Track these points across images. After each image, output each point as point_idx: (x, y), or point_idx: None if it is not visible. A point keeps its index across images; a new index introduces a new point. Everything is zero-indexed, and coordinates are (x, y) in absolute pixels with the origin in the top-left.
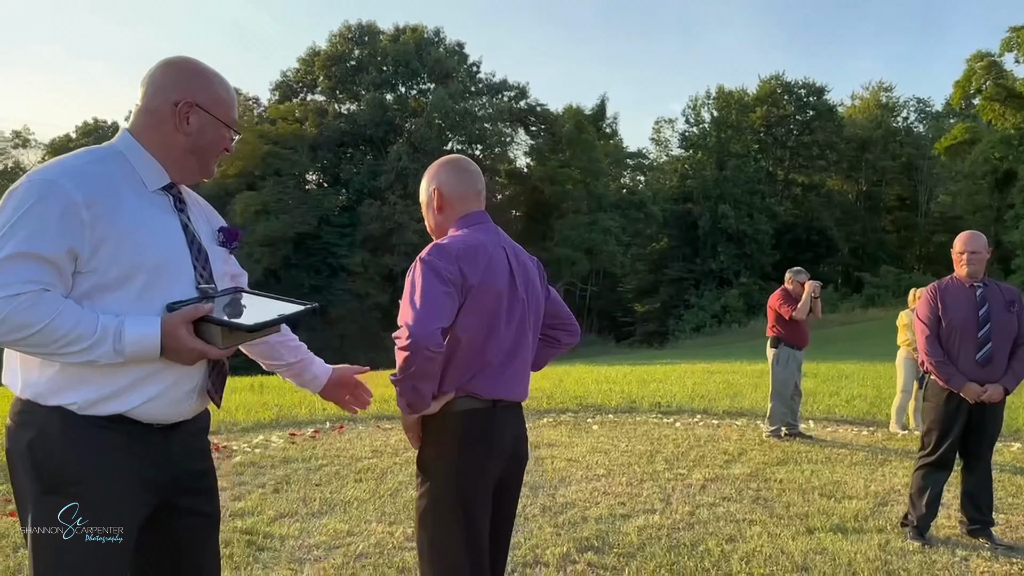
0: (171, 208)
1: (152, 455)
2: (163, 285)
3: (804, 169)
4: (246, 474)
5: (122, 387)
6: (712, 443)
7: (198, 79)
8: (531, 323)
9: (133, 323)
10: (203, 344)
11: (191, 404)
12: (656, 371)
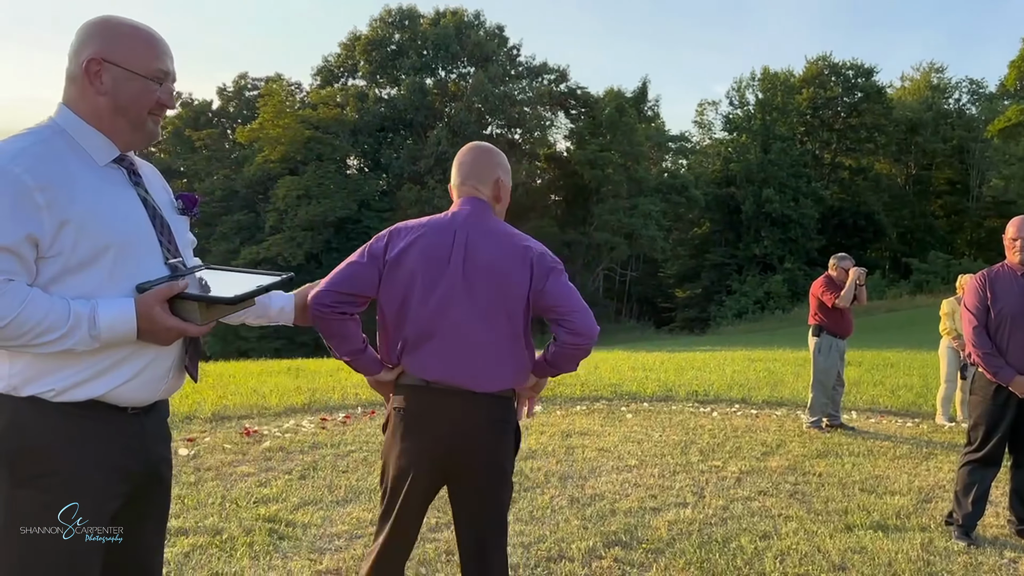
0: (127, 182)
1: (127, 442)
2: (132, 263)
3: (851, 152)
4: (274, 459)
5: (100, 370)
6: (749, 434)
7: (106, 34)
8: (473, 307)
9: (107, 307)
10: (180, 322)
11: (168, 382)
12: (694, 358)
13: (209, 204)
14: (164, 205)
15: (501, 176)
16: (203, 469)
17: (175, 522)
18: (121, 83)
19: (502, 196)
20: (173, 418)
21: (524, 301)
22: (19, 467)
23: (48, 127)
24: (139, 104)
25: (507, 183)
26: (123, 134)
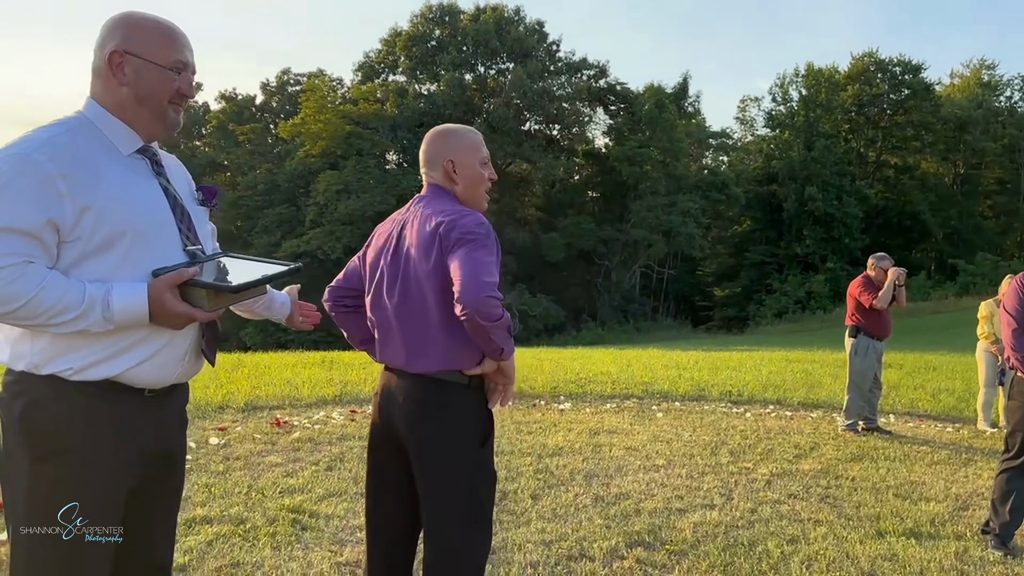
0: (150, 172)
1: (143, 423)
2: (149, 249)
3: (897, 150)
4: (302, 450)
5: (116, 351)
6: (783, 436)
7: (127, 27)
8: (403, 292)
9: (120, 290)
10: (189, 308)
11: (185, 365)
12: (730, 358)
13: (251, 197)
14: (185, 195)
15: (451, 157)
16: (232, 458)
17: (200, 510)
18: (142, 74)
19: (457, 178)
20: (206, 407)
21: (442, 280)
22: (38, 444)
23: (75, 118)
24: (159, 93)
25: (465, 162)
26: (146, 124)
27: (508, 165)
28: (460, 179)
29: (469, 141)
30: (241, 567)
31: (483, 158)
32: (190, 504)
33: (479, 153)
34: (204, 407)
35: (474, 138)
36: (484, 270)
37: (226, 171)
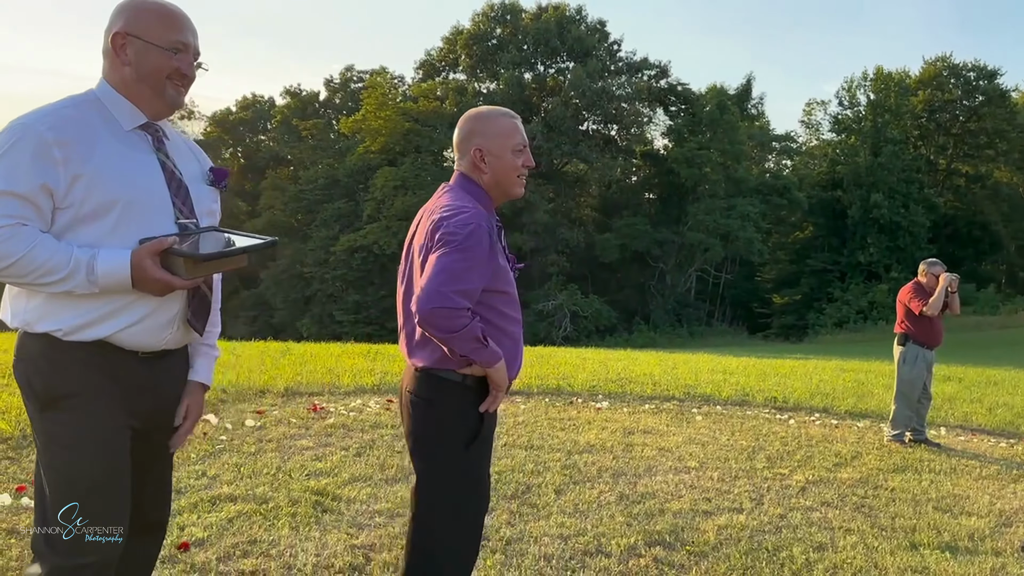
0: (149, 147)
1: (137, 382)
2: (139, 219)
3: (969, 159)
4: (334, 436)
5: (103, 314)
6: (825, 444)
7: (131, 11)
8: (409, 286)
9: (105, 255)
10: (167, 275)
11: (171, 332)
12: (781, 365)
13: (312, 192)
14: (192, 173)
15: (480, 144)
16: (265, 440)
17: (226, 488)
18: (143, 54)
19: (485, 167)
20: (248, 391)
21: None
22: (44, 394)
23: (84, 95)
24: (159, 73)
25: (494, 149)
26: (148, 101)
27: (564, 165)
28: (489, 167)
29: (500, 126)
30: (257, 544)
31: (516, 144)
32: (218, 482)
33: (511, 139)
34: (245, 390)
35: (506, 123)
36: (446, 278)
37: (289, 165)
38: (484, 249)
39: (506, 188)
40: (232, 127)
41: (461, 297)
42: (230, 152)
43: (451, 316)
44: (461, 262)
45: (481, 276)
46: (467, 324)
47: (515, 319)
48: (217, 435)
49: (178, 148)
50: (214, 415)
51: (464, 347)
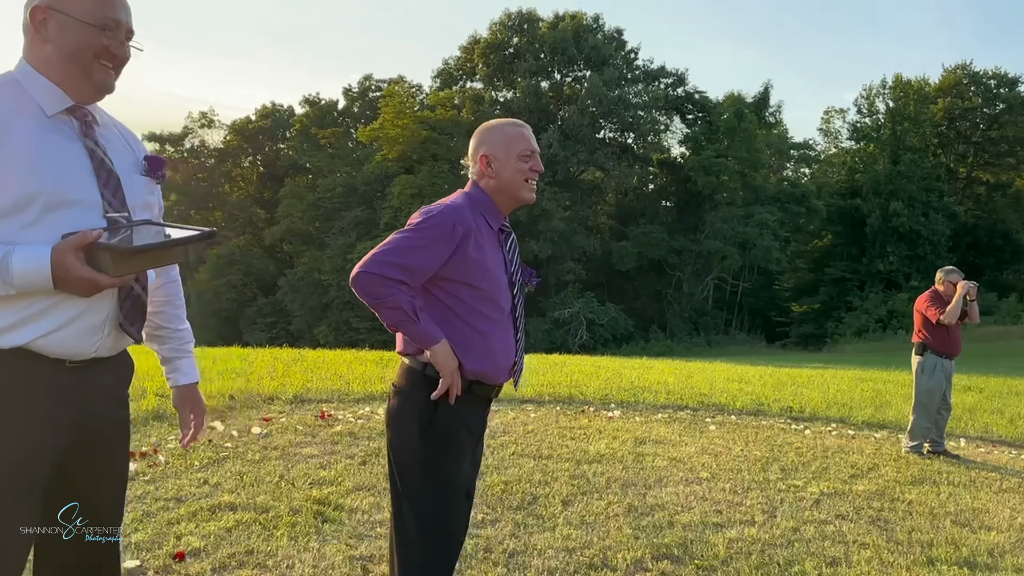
0: (75, 133)
1: (63, 394)
2: (63, 213)
3: (990, 167)
4: (340, 443)
5: (22, 318)
6: (841, 455)
7: None
8: None
9: (22, 253)
10: (92, 272)
11: (102, 337)
12: (798, 374)
13: (330, 199)
14: (123, 162)
15: (486, 152)
16: (270, 448)
17: (227, 497)
18: (68, 30)
19: (490, 172)
20: (256, 398)
21: None
22: None
23: (1, 77)
24: (86, 52)
25: (499, 156)
26: (74, 83)
27: (581, 173)
28: (495, 173)
29: (506, 135)
30: (254, 555)
31: (522, 151)
32: (219, 490)
33: (517, 146)
34: (254, 397)
35: (512, 131)
36: (387, 249)
37: (308, 173)
38: (443, 234)
39: (513, 192)
40: (251, 136)
41: (395, 269)
42: (249, 160)
43: (376, 283)
44: (410, 240)
45: (429, 258)
46: (392, 294)
47: (488, 317)
48: (222, 442)
49: (110, 135)
50: (220, 422)
51: (390, 317)
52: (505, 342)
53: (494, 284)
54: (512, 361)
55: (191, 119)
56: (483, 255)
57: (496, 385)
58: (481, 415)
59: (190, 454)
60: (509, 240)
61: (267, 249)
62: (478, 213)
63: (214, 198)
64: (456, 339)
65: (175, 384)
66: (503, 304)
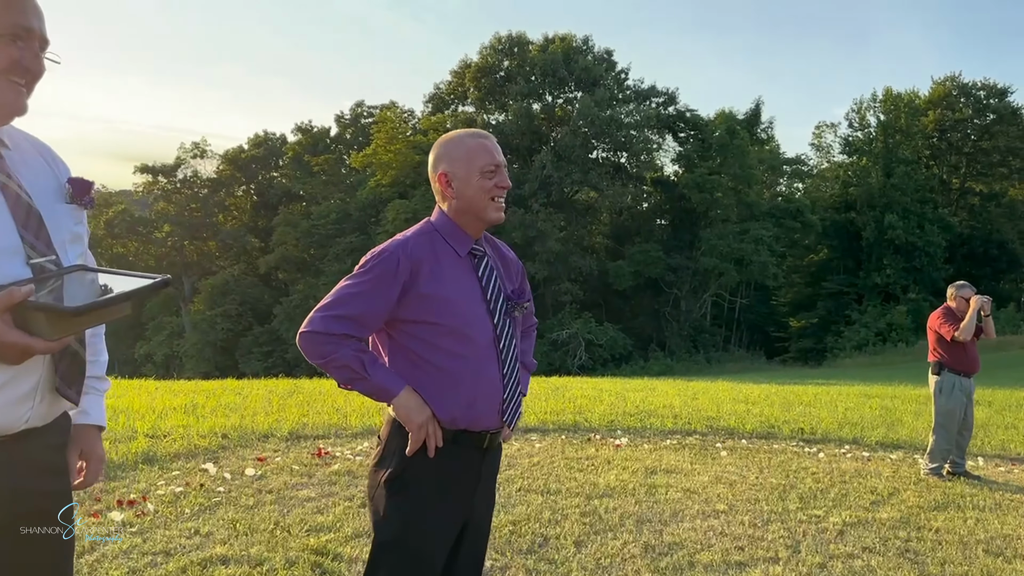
0: None
1: None
2: None
3: (983, 177)
4: (338, 484)
5: None
6: (859, 479)
7: None
8: None
9: None
10: (23, 336)
11: (34, 406)
12: (804, 392)
13: (324, 226)
14: (44, 192)
15: (444, 169)
16: (264, 492)
17: (219, 549)
18: None
19: (450, 192)
20: (251, 436)
21: None
22: None
23: None
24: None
25: (459, 173)
26: None
27: (575, 193)
28: (456, 192)
29: (466, 148)
30: None
31: (484, 166)
32: (211, 541)
33: (478, 160)
34: (248, 435)
35: (472, 143)
36: (328, 303)
37: (301, 201)
38: (387, 274)
39: (478, 213)
40: (244, 165)
41: (340, 322)
42: (243, 189)
43: (319, 342)
44: (353, 287)
45: (376, 303)
46: (335, 352)
47: (454, 353)
48: (215, 486)
49: (24, 161)
50: (213, 464)
51: (339, 376)
52: (484, 379)
53: (460, 316)
54: (499, 399)
55: (183, 149)
56: (441, 286)
57: (486, 431)
58: (471, 465)
59: (181, 500)
60: (483, 264)
61: (262, 278)
62: (439, 240)
63: (207, 228)
64: (425, 385)
65: (73, 422)
66: (477, 336)
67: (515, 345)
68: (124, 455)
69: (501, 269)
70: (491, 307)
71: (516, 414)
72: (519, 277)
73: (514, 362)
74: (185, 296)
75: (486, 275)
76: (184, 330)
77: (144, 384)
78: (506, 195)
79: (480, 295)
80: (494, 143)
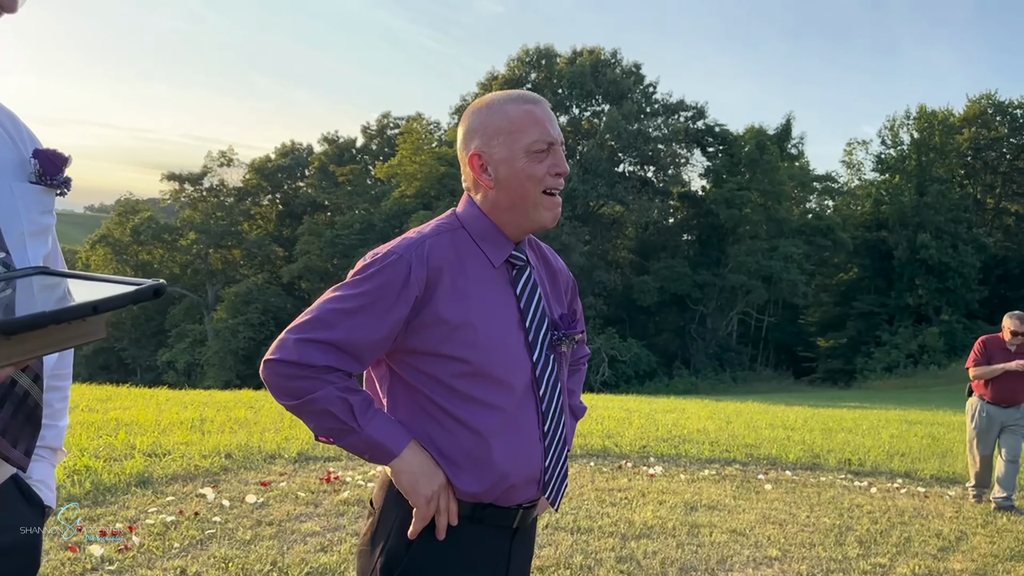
0: None
1: None
2: None
3: (1018, 197)
4: (347, 515)
5: None
6: (920, 520)
7: None
8: None
9: None
10: None
11: None
12: (842, 417)
13: (348, 236)
14: (3, 167)
15: (478, 148)
16: (264, 523)
17: None
18: None
19: (486, 179)
20: (256, 456)
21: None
22: None
23: None
24: None
25: (496, 153)
26: None
27: (601, 207)
28: (494, 179)
29: (507, 118)
30: None
31: (532, 143)
32: None
33: (525, 135)
34: (254, 455)
35: (515, 111)
36: (306, 322)
37: (326, 211)
38: (392, 286)
39: (522, 210)
40: (271, 174)
41: (320, 350)
42: (268, 198)
43: (289, 375)
44: (342, 301)
45: (372, 326)
46: (313, 391)
47: (487, 403)
48: (210, 515)
49: None
50: (212, 488)
51: (318, 426)
52: (522, 438)
53: (490, 350)
54: (540, 467)
55: (210, 158)
56: (467, 307)
57: (518, 507)
58: (497, 551)
59: (171, 532)
60: (525, 278)
61: (285, 287)
62: (466, 242)
63: (232, 236)
64: (438, 441)
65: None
66: (513, 379)
67: (561, 389)
68: (118, 476)
69: (548, 285)
70: (531, 337)
71: (562, 485)
72: (570, 295)
73: (560, 413)
74: (209, 304)
75: (527, 293)
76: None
77: (156, 394)
78: (563, 185)
79: (517, 321)
80: (546, 110)
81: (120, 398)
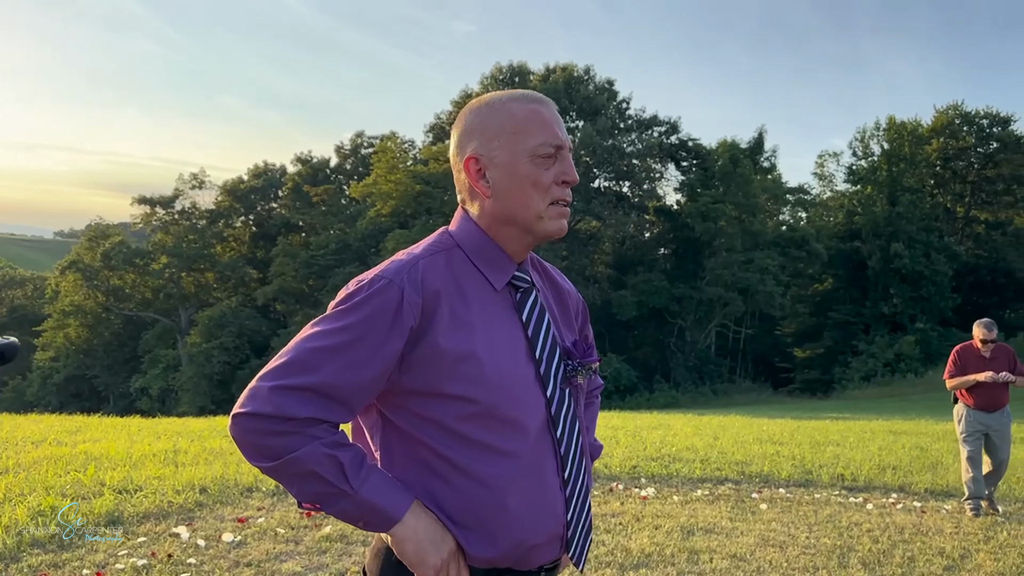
0: None
1: None
2: None
3: (988, 205)
4: (329, 553)
5: None
6: (921, 537)
7: None
8: None
9: None
10: None
11: None
12: (829, 429)
13: (323, 257)
14: None
15: (475, 152)
16: (242, 564)
17: None
18: None
19: (483, 187)
20: (233, 490)
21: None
22: None
23: None
24: None
25: (496, 156)
26: None
27: (577, 222)
28: (493, 187)
29: (510, 117)
30: None
31: (538, 146)
32: None
33: (530, 136)
34: (230, 489)
35: (519, 110)
36: (281, 367)
37: (300, 231)
38: (382, 319)
39: (527, 222)
40: (244, 195)
41: (297, 398)
42: (241, 220)
43: (265, 431)
44: (324, 338)
45: (359, 365)
46: (294, 448)
47: (491, 447)
48: (185, 556)
49: None
50: (187, 527)
51: (302, 490)
52: (541, 489)
53: (502, 385)
54: (562, 522)
55: (182, 180)
56: (468, 337)
57: (539, 569)
58: None
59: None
60: (531, 302)
61: (260, 309)
62: (463, 263)
63: (205, 259)
64: (443, 500)
65: None
66: (527, 418)
67: (580, 428)
68: (85, 516)
69: (556, 309)
70: (543, 370)
71: (587, 541)
72: (580, 319)
73: (580, 456)
74: (182, 328)
75: (535, 319)
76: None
77: (128, 423)
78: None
79: (526, 351)
80: (554, 111)
81: (90, 429)
